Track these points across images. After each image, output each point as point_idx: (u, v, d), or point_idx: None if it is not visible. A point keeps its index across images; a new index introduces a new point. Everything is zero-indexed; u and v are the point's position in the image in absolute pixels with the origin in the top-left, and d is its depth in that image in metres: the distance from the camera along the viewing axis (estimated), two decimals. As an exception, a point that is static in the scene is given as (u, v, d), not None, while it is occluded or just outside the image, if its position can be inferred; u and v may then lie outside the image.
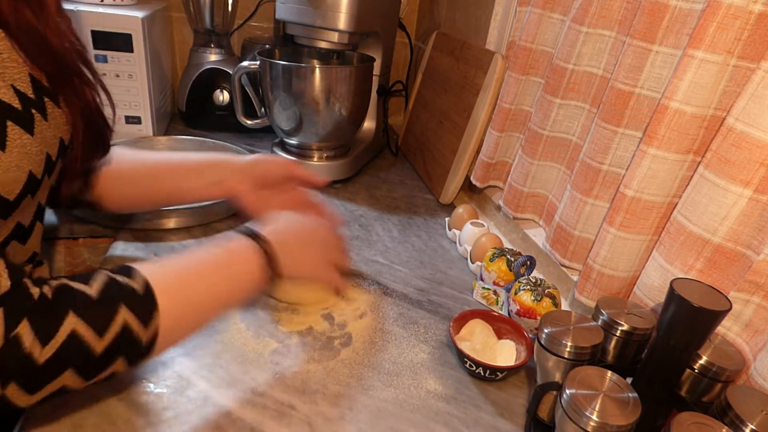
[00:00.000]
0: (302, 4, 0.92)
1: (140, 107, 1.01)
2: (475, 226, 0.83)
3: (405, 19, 1.34)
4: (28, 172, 0.43)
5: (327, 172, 1.03)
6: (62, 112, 0.47)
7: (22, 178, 0.42)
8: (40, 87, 0.44)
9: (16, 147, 0.41)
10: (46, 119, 0.44)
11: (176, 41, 1.28)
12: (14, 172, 0.41)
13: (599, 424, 0.40)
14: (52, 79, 0.45)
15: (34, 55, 0.43)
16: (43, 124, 0.44)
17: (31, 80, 0.43)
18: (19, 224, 0.47)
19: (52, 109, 0.45)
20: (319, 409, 0.52)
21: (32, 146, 0.42)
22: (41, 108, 0.44)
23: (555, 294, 0.66)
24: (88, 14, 0.91)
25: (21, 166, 0.41)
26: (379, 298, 0.70)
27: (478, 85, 0.94)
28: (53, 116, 0.45)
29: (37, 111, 0.43)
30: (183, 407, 0.50)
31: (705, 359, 0.46)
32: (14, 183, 0.41)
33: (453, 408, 0.54)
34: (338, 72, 0.95)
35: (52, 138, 0.46)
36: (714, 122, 0.54)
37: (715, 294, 0.44)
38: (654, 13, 0.59)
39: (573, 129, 0.77)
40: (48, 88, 0.45)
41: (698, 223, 0.52)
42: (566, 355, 0.47)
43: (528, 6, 0.81)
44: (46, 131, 0.44)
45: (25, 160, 0.42)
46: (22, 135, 0.41)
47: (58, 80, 0.46)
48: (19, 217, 0.47)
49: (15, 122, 0.41)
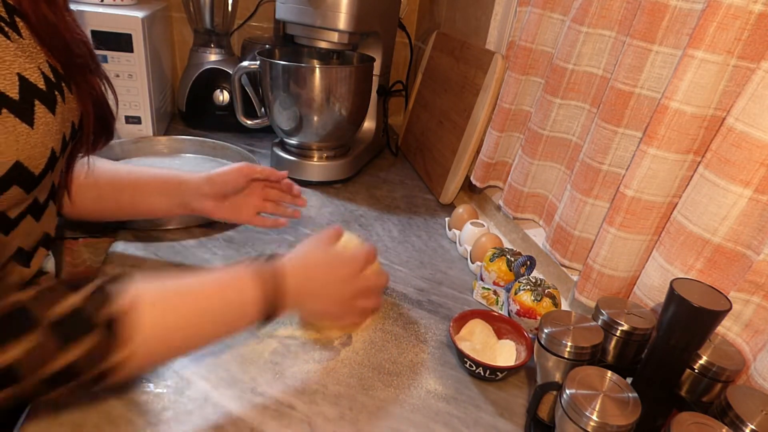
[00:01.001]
0: (302, 4, 0.92)
1: (140, 107, 1.01)
2: (475, 226, 0.83)
3: (405, 19, 1.34)
4: (51, 149, 0.46)
5: (327, 172, 1.03)
6: (74, 98, 0.50)
7: (46, 154, 0.45)
8: (57, 73, 0.47)
9: (42, 125, 0.44)
10: (64, 102, 0.48)
11: (176, 41, 1.28)
12: (40, 149, 0.44)
13: (599, 424, 0.40)
14: (66, 68, 0.49)
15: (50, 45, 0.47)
16: (63, 106, 0.47)
17: (50, 66, 0.47)
18: (36, 200, 0.50)
19: (68, 94, 0.49)
20: (319, 409, 0.52)
21: (54, 125, 0.46)
22: (61, 91, 0.47)
23: (555, 294, 0.66)
24: (88, 14, 0.91)
25: (45, 143, 0.45)
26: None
27: (478, 85, 0.94)
28: (69, 100, 0.49)
29: (59, 93, 0.47)
30: (183, 407, 0.50)
31: (705, 359, 0.46)
32: (41, 158, 0.45)
33: (453, 408, 0.54)
34: (338, 72, 0.95)
35: (68, 120, 0.49)
36: (714, 122, 0.54)
37: (715, 294, 0.44)
38: (654, 13, 0.59)
39: (573, 129, 0.77)
40: (63, 74, 0.48)
41: (698, 223, 0.52)
42: (566, 355, 0.47)
43: (528, 6, 0.81)
44: (65, 113, 0.48)
45: (48, 138, 0.45)
46: (47, 114, 0.45)
47: (71, 69, 0.49)
48: (38, 193, 0.49)
49: (41, 102, 0.44)
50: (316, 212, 0.92)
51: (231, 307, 0.48)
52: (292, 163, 1.01)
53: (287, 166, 1.02)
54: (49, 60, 0.47)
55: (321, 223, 0.88)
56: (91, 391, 0.48)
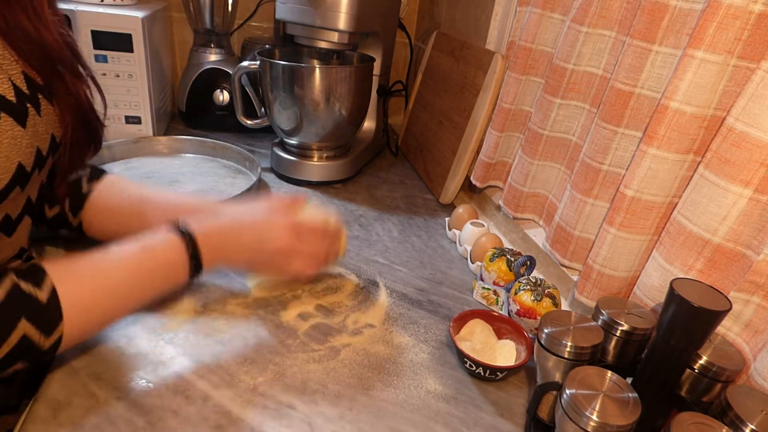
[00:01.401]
0: (302, 4, 0.92)
1: (140, 107, 1.01)
2: (475, 226, 0.83)
3: (405, 19, 1.34)
4: (18, 164, 0.44)
5: (327, 172, 1.03)
6: (55, 110, 0.48)
7: (11, 168, 0.43)
8: (33, 85, 0.45)
9: (7, 138, 0.42)
10: (39, 115, 0.46)
11: (176, 41, 1.28)
12: (3, 163, 0.42)
13: (599, 424, 0.40)
14: (44, 75, 0.47)
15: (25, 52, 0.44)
16: (36, 119, 0.45)
17: (25, 78, 0.44)
18: (6, 216, 0.48)
19: (45, 106, 0.47)
20: (319, 409, 0.52)
21: (23, 139, 0.44)
22: (36, 103, 0.45)
23: (555, 294, 0.66)
24: (88, 14, 0.91)
25: (10, 157, 0.43)
26: (379, 298, 0.71)
27: (478, 85, 0.94)
28: (47, 113, 0.47)
29: (31, 105, 0.45)
30: (183, 407, 0.50)
31: (705, 359, 0.46)
32: (4, 173, 0.43)
33: (453, 408, 0.54)
34: (338, 72, 0.95)
35: (44, 133, 0.47)
36: (714, 122, 0.54)
37: (715, 294, 0.44)
38: (654, 13, 0.59)
39: (573, 129, 0.77)
40: (42, 85, 0.46)
41: (698, 223, 0.52)
42: (566, 355, 0.47)
43: (528, 6, 0.81)
44: (39, 126, 0.46)
45: (15, 152, 0.43)
46: (14, 127, 0.43)
47: (50, 76, 0.47)
48: (7, 209, 0.48)
49: (8, 114, 0.42)
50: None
51: (155, 275, 0.52)
52: (292, 163, 1.01)
53: (287, 166, 1.02)
54: (26, 70, 0.45)
55: (321, 223, 0.88)
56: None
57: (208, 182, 0.93)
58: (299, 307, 0.66)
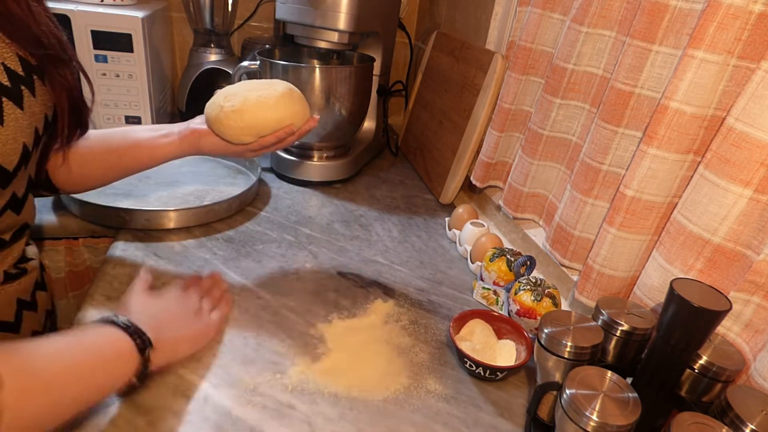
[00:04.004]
0: (302, 4, 0.92)
1: (140, 107, 1.01)
2: (475, 226, 0.83)
3: (405, 19, 1.34)
4: (23, 144, 0.46)
5: (327, 172, 1.03)
6: (47, 90, 0.50)
7: (18, 150, 0.46)
8: (28, 65, 0.47)
9: (12, 121, 0.44)
10: (34, 96, 0.47)
11: (176, 41, 1.28)
12: (12, 145, 0.45)
13: (599, 424, 0.40)
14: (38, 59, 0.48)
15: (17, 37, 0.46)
16: (32, 100, 0.47)
17: (19, 59, 0.46)
18: (14, 195, 0.50)
19: (39, 86, 0.48)
20: (319, 409, 0.52)
21: (23, 120, 0.46)
22: (30, 85, 0.47)
23: (555, 294, 0.66)
24: (88, 14, 0.91)
25: (17, 139, 0.45)
26: (379, 298, 0.70)
27: (478, 85, 0.94)
28: (40, 93, 0.49)
29: (26, 87, 0.46)
30: (183, 407, 0.50)
31: (705, 359, 0.46)
32: (13, 154, 0.45)
33: (453, 408, 0.54)
34: (338, 72, 0.95)
35: (39, 113, 0.49)
36: (714, 122, 0.54)
37: (715, 294, 0.44)
38: (654, 13, 0.59)
39: (573, 129, 0.77)
40: (35, 66, 0.48)
41: (698, 223, 0.52)
42: (566, 355, 0.47)
43: (528, 6, 0.81)
44: (35, 107, 0.48)
45: (19, 134, 0.45)
46: (15, 110, 0.45)
47: (43, 60, 0.49)
48: (15, 188, 0.50)
49: (8, 98, 0.44)
50: (316, 212, 0.92)
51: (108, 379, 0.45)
52: (292, 163, 1.01)
53: (287, 165, 1.02)
54: (19, 52, 0.46)
55: (321, 223, 0.88)
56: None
57: (208, 182, 0.93)
58: (299, 307, 0.66)
